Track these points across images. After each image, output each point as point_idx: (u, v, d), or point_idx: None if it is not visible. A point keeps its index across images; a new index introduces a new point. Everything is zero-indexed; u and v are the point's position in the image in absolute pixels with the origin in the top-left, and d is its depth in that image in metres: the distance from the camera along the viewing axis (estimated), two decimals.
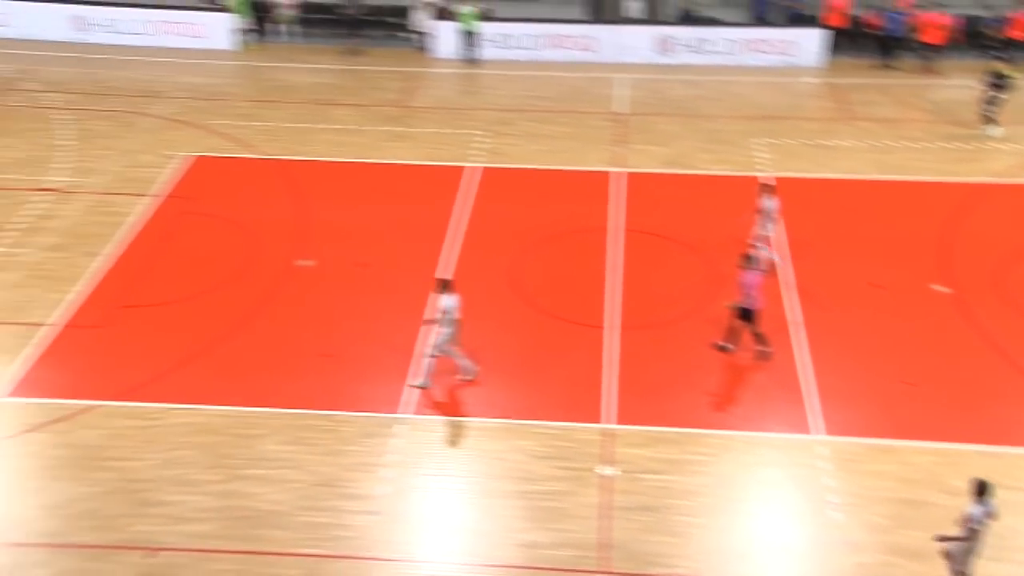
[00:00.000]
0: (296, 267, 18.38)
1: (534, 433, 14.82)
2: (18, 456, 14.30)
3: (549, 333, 16.95)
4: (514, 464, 14.27)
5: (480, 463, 14.32)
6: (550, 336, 16.89)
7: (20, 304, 17.19)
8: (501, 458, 14.39)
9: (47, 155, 21.90)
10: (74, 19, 27.38)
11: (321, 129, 23.39)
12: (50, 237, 19.06)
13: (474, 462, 14.34)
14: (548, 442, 14.64)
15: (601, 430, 14.84)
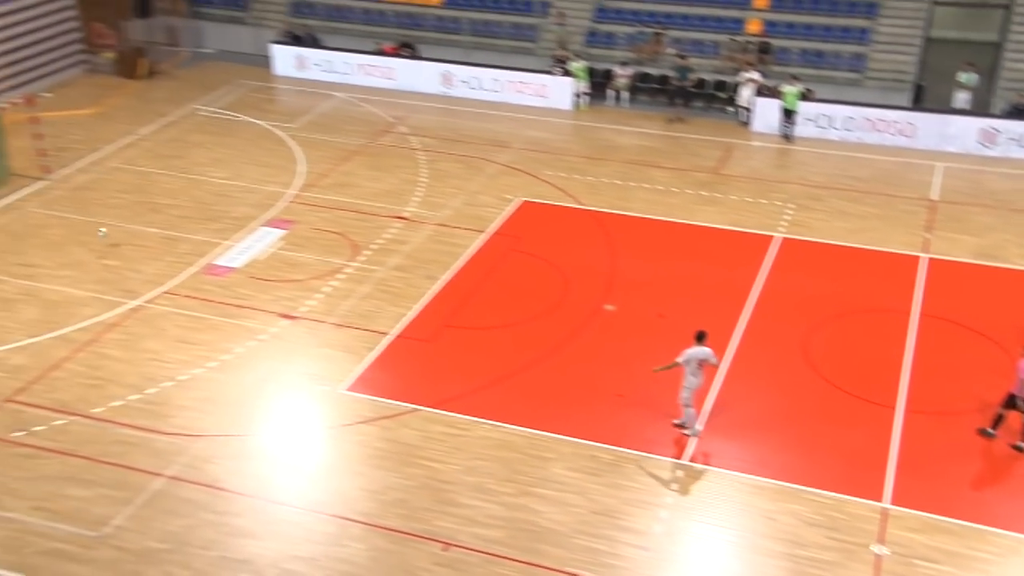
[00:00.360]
0: (602, 310, 18.67)
1: (808, 499, 14.19)
2: (349, 442, 15.40)
3: (834, 404, 16.21)
4: (785, 526, 13.73)
5: (751, 519, 13.89)
6: (835, 407, 16.14)
7: (367, 313, 18.54)
8: (772, 518, 13.89)
9: (406, 189, 23.45)
10: (444, 76, 29.26)
11: (639, 187, 23.66)
12: (398, 259, 20.40)
13: (746, 517, 13.93)
14: (821, 510, 13.98)
15: (878, 508, 13.98)
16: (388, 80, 29.69)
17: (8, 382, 16.55)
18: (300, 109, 28.35)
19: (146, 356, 17.25)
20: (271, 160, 24.90)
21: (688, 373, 15.01)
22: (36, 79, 28.92)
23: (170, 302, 18.82)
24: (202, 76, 30.72)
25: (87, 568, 13.03)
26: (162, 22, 32.50)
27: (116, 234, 21.25)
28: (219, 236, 21.19)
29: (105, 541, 13.46)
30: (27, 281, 19.48)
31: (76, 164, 24.47)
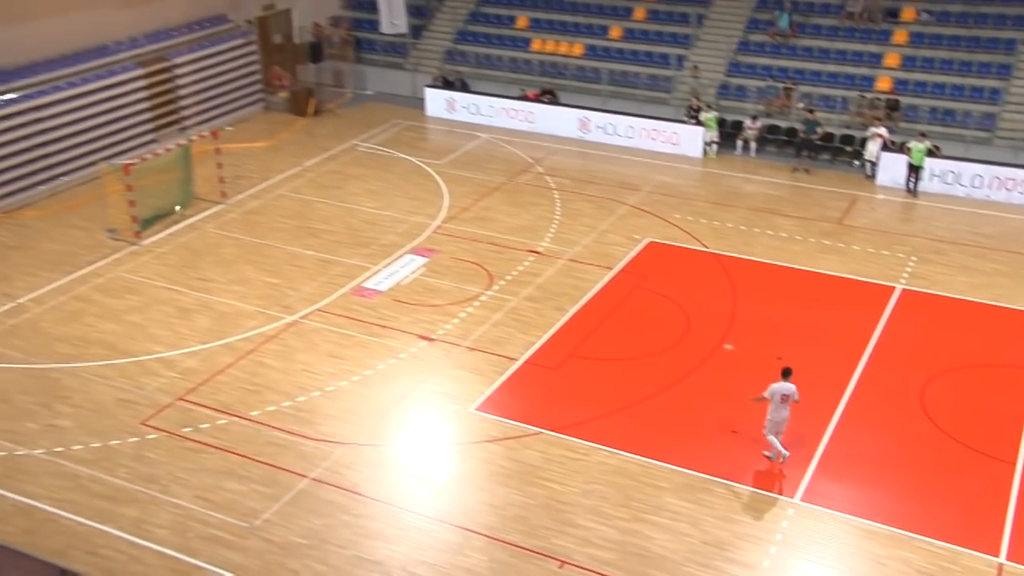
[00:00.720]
0: (722, 349, 18.26)
1: (920, 548, 13.45)
2: (476, 459, 15.46)
3: (950, 455, 15.36)
4: (895, 573, 13.04)
5: (861, 563, 13.25)
6: (951, 458, 15.29)
7: (498, 339, 18.65)
8: (883, 564, 13.21)
9: (541, 225, 23.55)
10: (581, 121, 29.35)
11: (763, 234, 23.12)
12: (530, 290, 20.47)
13: (855, 560, 13.30)
14: (933, 560, 13.22)
15: (995, 563, 13.13)
16: (529, 123, 29.98)
17: (180, 383, 17.32)
18: (448, 147, 28.88)
19: (299, 367, 17.76)
20: (419, 193, 25.42)
21: (772, 407, 14.82)
22: (221, 115, 30.36)
23: (322, 319, 19.35)
24: (362, 115, 31.67)
25: (239, 555, 13.44)
26: (330, 66, 33.71)
27: (278, 255, 22.02)
28: (368, 261, 21.70)
29: (255, 532, 13.87)
30: (202, 294, 20.39)
31: (249, 191, 25.55)
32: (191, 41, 29.26)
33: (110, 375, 17.51)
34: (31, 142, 24.68)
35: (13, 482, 14.85)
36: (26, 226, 23.58)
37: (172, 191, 24.17)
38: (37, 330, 19.02)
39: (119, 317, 19.47)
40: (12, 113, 24.21)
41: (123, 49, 27.51)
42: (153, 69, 27.94)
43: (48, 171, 25.20)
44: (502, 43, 32.48)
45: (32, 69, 25.21)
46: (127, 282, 20.88)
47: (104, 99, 26.51)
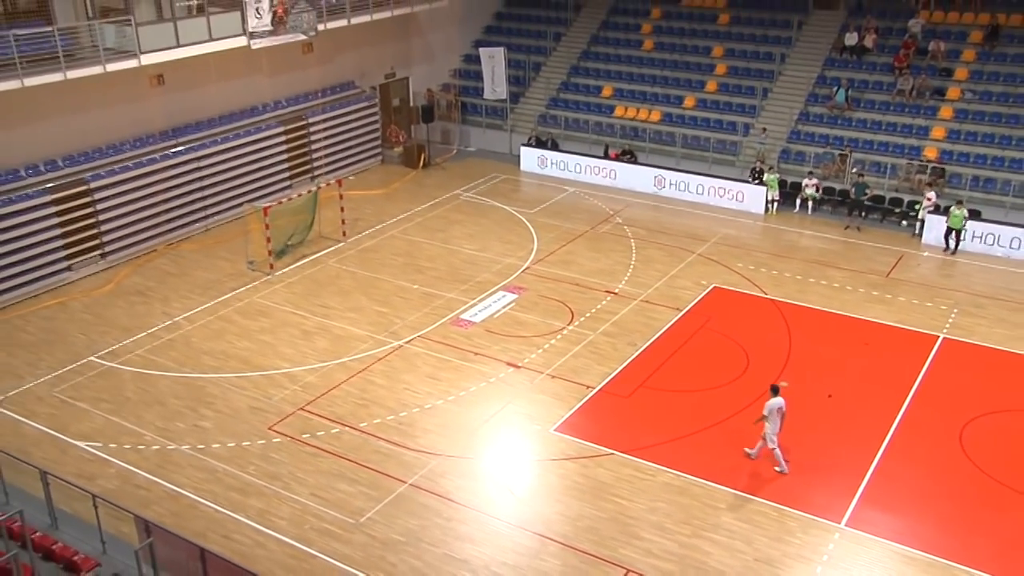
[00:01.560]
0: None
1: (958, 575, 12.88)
2: (554, 474, 15.41)
3: (988, 492, 14.68)
4: None
5: None
6: (989, 495, 14.61)
7: (577, 368, 18.60)
8: None
9: (618, 269, 23.45)
10: (657, 178, 29.20)
11: (817, 283, 22.59)
12: (605, 325, 20.40)
13: None
14: None
15: None
16: (610, 179, 30.00)
17: (302, 395, 17.77)
18: (538, 199, 29.11)
19: (402, 386, 18.02)
20: (512, 238, 25.63)
21: (770, 422, 14.88)
22: (345, 166, 31.22)
23: (424, 345, 19.61)
24: (465, 169, 32.20)
25: (346, 547, 13.66)
26: (440, 126, 34.41)
27: (388, 288, 22.46)
28: (466, 295, 21.94)
29: (360, 528, 14.08)
30: (322, 319, 20.92)
31: (365, 231, 26.16)
32: (324, 103, 30.25)
33: (245, 385, 18.08)
34: (192, 187, 25.76)
35: (164, 471, 15.43)
36: (184, 256, 24.61)
37: (300, 230, 24.94)
38: (188, 344, 19.78)
39: (253, 336, 20.11)
40: (178, 163, 25.34)
41: (269, 110, 28.60)
42: (292, 127, 28.95)
43: (204, 211, 26.27)
44: (589, 109, 32.68)
45: (197, 126, 26.41)
46: (261, 306, 21.58)
47: (251, 152, 27.53)
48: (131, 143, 24.69)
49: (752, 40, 32.17)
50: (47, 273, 22.48)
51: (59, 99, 22.68)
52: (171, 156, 25.24)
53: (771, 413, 14.95)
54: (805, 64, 30.92)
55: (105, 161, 23.95)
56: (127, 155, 24.39)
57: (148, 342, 19.86)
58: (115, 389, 17.97)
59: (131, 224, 24.26)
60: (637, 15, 34.56)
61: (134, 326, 20.58)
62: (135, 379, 18.35)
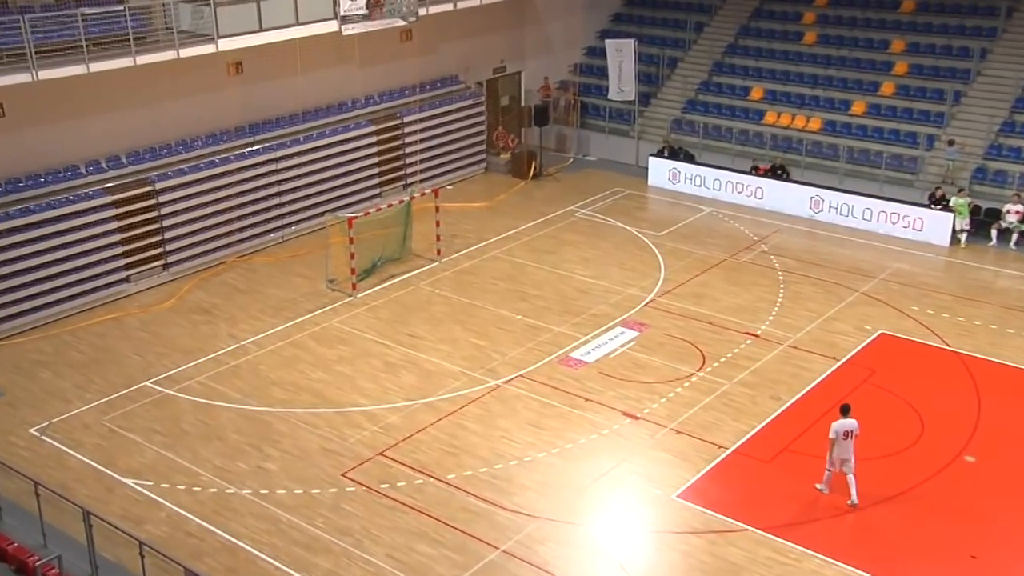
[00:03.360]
0: (962, 460, 17.01)
1: None
2: (675, 550, 15.03)
3: None
4: None
5: None
6: None
7: (708, 423, 18.20)
8: None
9: (761, 307, 22.97)
10: (813, 200, 28.55)
11: (1017, 335, 21.42)
12: (744, 374, 19.91)
13: None
14: None
15: None
16: (756, 199, 29.49)
17: (382, 438, 18.00)
18: (668, 219, 28.85)
19: (498, 432, 18.04)
20: (634, 264, 25.47)
21: (836, 447, 15.72)
22: (443, 174, 31.80)
23: (526, 386, 19.62)
24: (582, 181, 32.27)
25: None
26: (555, 130, 34.66)
27: (486, 317, 22.61)
28: (577, 330, 21.87)
29: None
30: (409, 350, 21.22)
31: (463, 250, 26.51)
32: (422, 100, 30.93)
33: (317, 423, 18.46)
34: (268, 191, 26.73)
35: (221, 519, 15.87)
36: (255, 271, 25.47)
37: (390, 246, 25.45)
38: (256, 372, 20.38)
39: (330, 367, 20.55)
40: (254, 164, 26.32)
41: (359, 107, 29.46)
42: (384, 126, 29.72)
43: (280, 220, 27.20)
44: (733, 114, 32.29)
45: (277, 123, 27.43)
46: (340, 332, 22.05)
47: (336, 153, 28.38)
48: (203, 140, 25.82)
49: (943, 32, 31.00)
50: (103, 284, 23.58)
51: (126, 88, 23.87)
52: (246, 156, 26.24)
53: (836, 437, 15.67)
54: (1012, 61, 29.53)
55: (173, 159, 25.10)
56: (197, 153, 25.50)
57: (211, 368, 20.55)
58: (171, 420, 18.65)
59: (198, 232, 25.31)
60: (797, 2, 33.96)
61: (196, 348, 21.34)
62: (194, 409, 19.00)
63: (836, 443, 15.75)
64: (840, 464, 15.86)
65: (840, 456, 15.79)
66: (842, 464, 15.85)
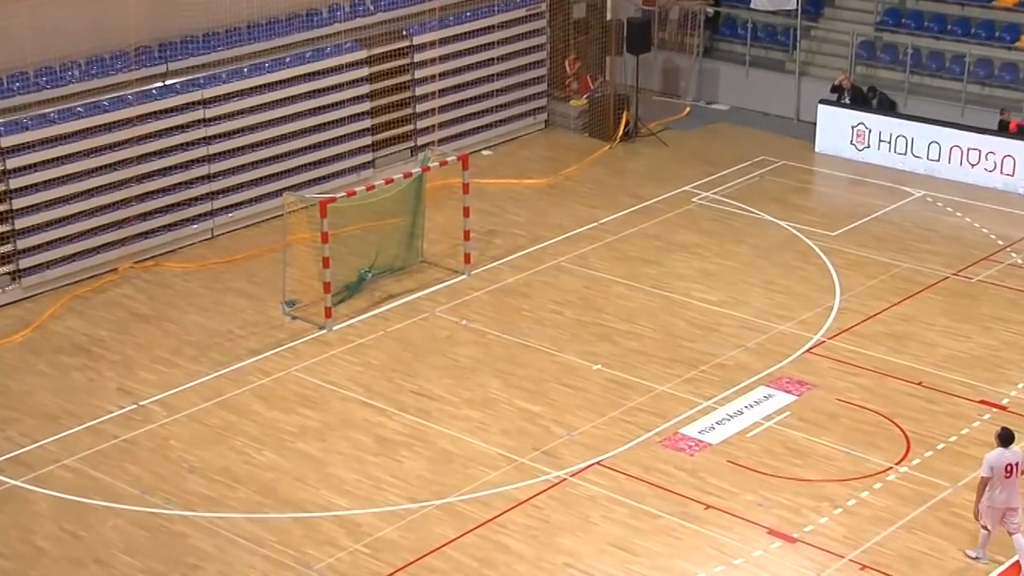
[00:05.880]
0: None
1: None
2: None
3: None
4: None
5: None
6: None
7: (914, 555, 17.76)
8: None
9: (1010, 359, 22.61)
10: None
11: None
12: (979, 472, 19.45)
13: None
14: None
15: None
16: (1005, 176, 29.25)
17: (368, 562, 17.76)
18: (848, 209, 28.57)
19: (560, 558, 17.78)
20: (790, 283, 25.25)
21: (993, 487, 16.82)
22: (477, 130, 31.77)
23: (605, 480, 19.40)
24: (706, 145, 32.04)
25: None
26: (662, 60, 34.54)
27: (543, 365, 22.44)
28: (692, 390, 21.69)
29: None
30: (417, 418, 21.07)
31: (508, 256, 26.41)
32: (443, 9, 30.91)
33: (262, 537, 18.27)
34: (189, 155, 26.84)
35: None
36: (165, 285, 25.52)
37: (388, 247, 25.39)
38: (162, 451, 20.27)
39: (286, 444, 20.43)
40: (165, 109, 26.44)
41: (341, 17, 29.51)
42: (382, 51, 29.76)
43: (208, 201, 27.32)
44: (967, 32, 31.90)
45: (203, 42, 27.55)
46: (305, 387, 21.96)
47: (303, 95, 28.46)
48: (80, 68, 25.82)
49: None
50: None
51: None
52: (153, 96, 26.37)
53: (995, 473, 16.72)
54: None
55: (29, 99, 25.07)
56: (71, 90, 25.53)
57: (88, 443, 20.49)
58: (18, 530, 18.50)
59: (71, 220, 25.38)
60: None
61: (64, 412, 21.31)
62: (57, 512, 18.86)
63: (992, 484, 16.68)
64: (1003, 516, 16.84)
65: (1003, 504, 16.82)
66: (1004, 516, 16.83)
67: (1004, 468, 16.73)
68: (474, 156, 28.01)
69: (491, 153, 31.35)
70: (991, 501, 16.88)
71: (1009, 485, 16.80)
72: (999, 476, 16.74)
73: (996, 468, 16.75)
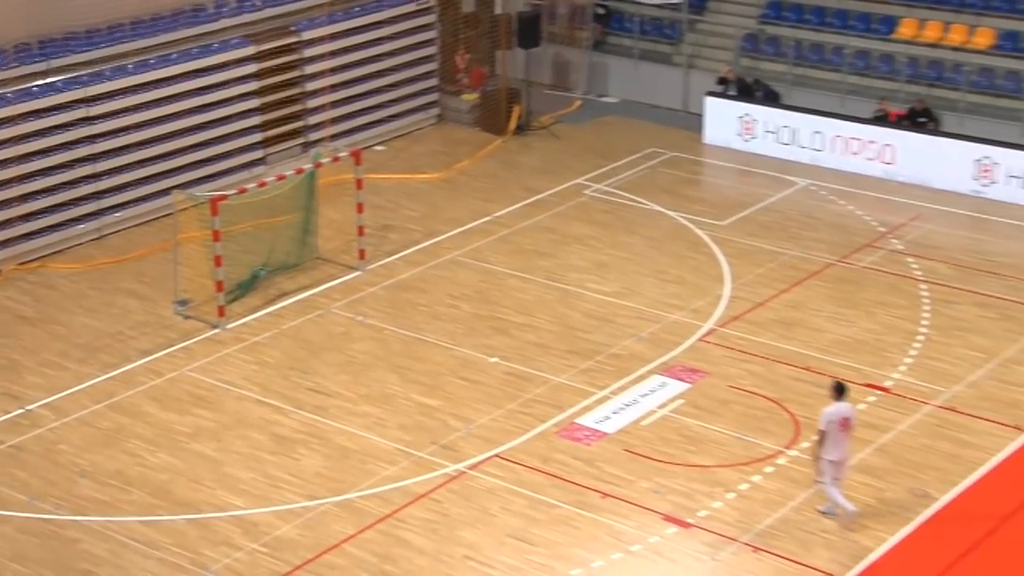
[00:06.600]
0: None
1: None
2: None
3: None
4: None
5: None
6: None
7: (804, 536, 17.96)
8: None
9: (893, 342, 22.91)
10: (980, 164, 28.66)
11: None
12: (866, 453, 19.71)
13: None
14: None
15: None
16: (885, 165, 29.67)
17: (267, 561, 17.65)
18: (736, 198, 28.81)
19: (459, 550, 17.79)
20: (682, 273, 25.44)
21: (829, 442, 17.49)
22: (369, 125, 31.65)
23: (504, 472, 19.42)
24: (597, 137, 32.15)
25: None
26: (552, 54, 34.63)
27: (441, 360, 22.44)
28: (588, 380, 21.76)
29: None
30: (314, 415, 20.97)
31: (403, 251, 26.35)
32: (331, 5, 30.77)
33: (157, 539, 18.09)
34: (73, 154, 26.50)
35: None
36: (52, 287, 25.17)
37: (281, 244, 25.25)
38: (51, 456, 20.00)
39: (180, 445, 20.25)
40: (48, 108, 26.09)
41: (227, 13, 29.31)
42: (271, 47, 29.61)
43: (94, 201, 26.99)
44: (845, 24, 32.35)
45: (86, 39, 27.22)
46: (199, 387, 21.78)
47: (190, 91, 28.27)
48: None
49: None
50: None
51: None
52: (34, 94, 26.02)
53: (830, 427, 17.38)
54: None
55: None
56: None
57: None
58: None
59: None
60: None
61: None
62: None
63: (830, 437, 17.44)
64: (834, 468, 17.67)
65: (838, 457, 17.59)
66: (836, 468, 17.67)
67: (840, 422, 17.45)
68: (367, 152, 28.01)
69: (384, 148, 31.22)
70: (827, 454, 17.54)
71: (844, 439, 17.60)
72: (835, 430, 17.42)
73: (833, 422, 17.42)
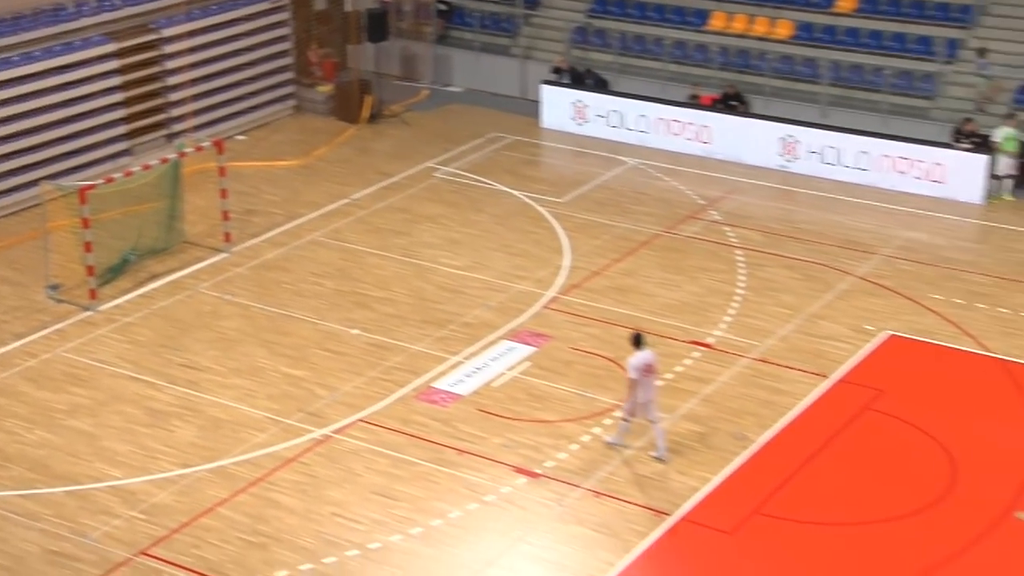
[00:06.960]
0: (1011, 517, 17.62)
1: None
2: None
3: None
4: None
5: None
6: None
7: (640, 479, 18.37)
8: None
9: (714, 303, 23.36)
10: (785, 142, 29.20)
11: None
12: (693, 404, 20.19)
13: None
14: None
15: None
16: (701, 144, 30.05)
17: (145, 527, 17.56)
18: (573, 177, 29.03)
19: (327, 508, 17.85)
20: (526, 247, 25.62)
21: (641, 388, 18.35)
22: (230, 117, 31.36)
23: (367, 434, 19.48)
24: (444, 124, 32.17)
25: None
26: (400, 48, 34.55)
27: (306, 333, 22.42)
28: (443, 347, 21.87)
29: None
30: (187, 389, 20.82)
31: (266, 233, 26.21)
32: (189, 3, 30.36)
33: (37, 512, 17.87)
34: None
35: None
36: None
37: (148, 230, 24.96)
38: None
39: (57, 421, 19.98)
40: None
41: (88, 12, 28.71)
42: (131, 44, 29.10)
43: None
44: (663, 17, 32.78)
45: None
46: (73, 367, 21.49)
47: (54, 87, 27.69)
48: None
49: None
50: None
51: None
52: None
53: (638, 373, 18.24)
54: None
55: None
56: None
57: None
58: None
59: None
60: None
61: None
62: None
63: (639, 384, 18.29)
64: (644, 409, 18.54)
65: (645, 398, 18.46)
66: (646, 408, 18.54)
67: (643, 367, 18.24)
68: (229, 141, 27.76)
69: (245, 138, 30.96)
70: (638, 397, 18.36)
71: (648, 382, 18.40)
72: (641, 376, 18.20)
73: (639, 368, 18.19)
